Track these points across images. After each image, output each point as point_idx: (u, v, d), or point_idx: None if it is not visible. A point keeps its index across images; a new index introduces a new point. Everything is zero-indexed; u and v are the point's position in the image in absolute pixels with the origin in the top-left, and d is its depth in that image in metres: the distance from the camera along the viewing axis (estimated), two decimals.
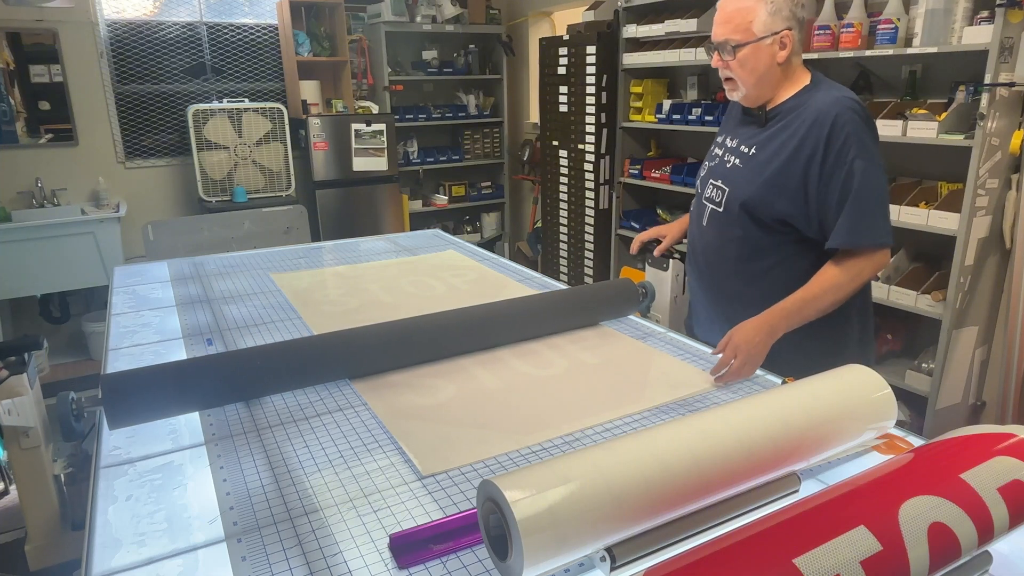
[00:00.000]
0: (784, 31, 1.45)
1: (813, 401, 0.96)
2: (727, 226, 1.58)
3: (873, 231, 1.42)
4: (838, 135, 1.40)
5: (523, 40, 5.34)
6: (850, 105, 1.42)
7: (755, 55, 1.47)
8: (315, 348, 1.39)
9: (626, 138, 3.98)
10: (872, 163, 1.41)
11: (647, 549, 0.78)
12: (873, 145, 1.43)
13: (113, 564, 0.87)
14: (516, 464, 1.09)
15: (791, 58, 1.48)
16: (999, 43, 2.13)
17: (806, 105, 1.47)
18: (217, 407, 1.26)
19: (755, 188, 1.51)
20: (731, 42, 1.48)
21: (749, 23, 1.45)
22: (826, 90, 1.47)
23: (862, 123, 1.41)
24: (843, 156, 1.40)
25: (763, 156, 1.51)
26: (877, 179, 1.41)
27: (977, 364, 2.54)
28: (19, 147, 4.02)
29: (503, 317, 1.58)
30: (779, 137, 1.49)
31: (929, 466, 0.78)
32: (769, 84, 1.51)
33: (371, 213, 4.72)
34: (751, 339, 1.36)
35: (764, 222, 1.51)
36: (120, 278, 2.19)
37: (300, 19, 4.58)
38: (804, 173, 1.44)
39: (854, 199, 1.40)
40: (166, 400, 1.19)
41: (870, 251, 1.43)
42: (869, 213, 1.40)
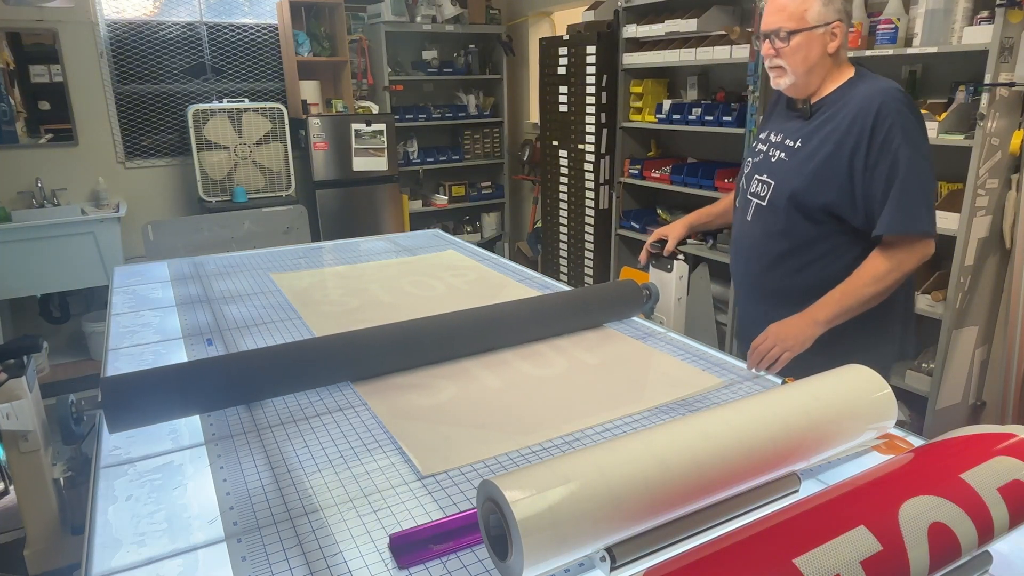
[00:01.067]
0: (835, 22, 1.49)
1: (813, 401, 0.96)
2: (773, 220, 1.60)
3: (917, 219, 1.42)
4: (883, 124, 1.42)
5: (523, 40, 5.34)
6: (894, 95, 1.44)
7: (808, 44, 1.50)
8: (318, 351, 1.38)
9: (626, 138, 3.98)
10: (917, 152, 1.42)
11: (647, 549, 0.78)
12: (918, 134, 1.44)
13: (113, 564, 0.87)
14: (516, 464, 1.09)
15: (839, 50, 1.52)
16: (999, 43, 2.13)
17: (850, 96, 1.50)
18: (218, 410, 1.25)
19: (802, 180, 1.53)
20: (785, 29, 1.50)
21: (804, 11, 1.49)
22: (871, 81, 1.50)
23: (907, 111, 1.43)
24: (888, 144, 1.42)
25: (809, 148, 1.53)
26: (922, 168, 1.42)
27: (977, 364, 2.54)
28: (19, 147, 4.02)
29: (506, 319, 1.58)
30: (824, 129, 1.51)
31: (929, 466, 0.78)
32: (818, 74, 1.53)
33: (371, 213, 4.72)
34: (788, 327, 1.41)
35: (811, 214, 1.53)
36: (120, 278, 2.19)
37: (300, 19, 4.58)
38: (850, 163, 1.46)
39: (899, 186, 1.41)
40: (167, 403, 1.18)
41: (912, 240, 1.43)
42: (913, 201, 1.41)
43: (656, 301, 1.77)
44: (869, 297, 1.44)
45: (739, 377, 1.41)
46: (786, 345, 1.38)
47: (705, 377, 1.40)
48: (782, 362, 1.38)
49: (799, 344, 1.40)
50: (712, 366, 1.45)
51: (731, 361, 1.49)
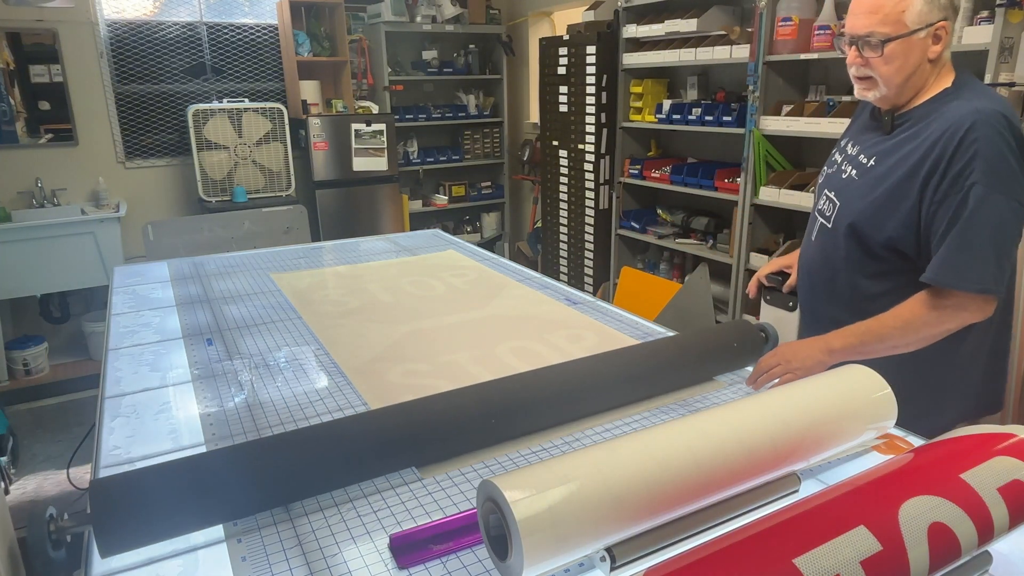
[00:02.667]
0: (940, 22, 1.23)
1: (813, 401, 0.96)
2: (833, 246, 1.40)
3: (971, 272, 1.18)
4: (964, 152, 1.18)
5: (523, 40, 5.34)
6: (991, 119, 1.19)
7: (906, 50, 1.24)
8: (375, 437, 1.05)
9: (626, 138, 3.98)
10: (997, 192, 1.17)
11: (647, 549, 0.78)
12: (1007, 173, 1.18)
13: (113, 564, 0.87)
14: (516, 464, 1.09)
15: (941, 54, 1.27)
16: (999, 43, 2.13)
17: (939, 113, 1.25)
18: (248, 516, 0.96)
19: (865, 205, 1.32)
20: (878, 35, 1.24)
21: (901, 13, 1.22)
22: (968, 96, 1.24)
23: (1000, 141, 1.18)
24: (962, 177, 1.18)
25: (881, 169, 1.32)
26: (998, 212, 1.17)
27: None
28: (19, 147, 4.02)
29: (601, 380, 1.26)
30: (903, 148, 1.29)
31: (929, 466, 0.78)
32: (914, 84, 1.29)
33: (371, 213, 4.72)
34: (798, 350, 1.27)
35: (872, 248, 1.32)
36: (120, 278, 2.19)
37: (300, 19, 4.58)
38: (920, 193, 1.24)
39: (960, 230, 1.19)
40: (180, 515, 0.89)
41: (964, 297, 1.20)
42: (973, 250, 1.18)
43: (775, 345, 1.45)
44: (894, 344, 1.24)
45: (739, 377, 1.41)
46: (791, 367, 1.25)
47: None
48: (783, 381, 1.24)
49: (805, 369, 1.24)
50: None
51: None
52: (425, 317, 1.77)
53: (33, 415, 3.56)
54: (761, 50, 2.92)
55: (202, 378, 1.41)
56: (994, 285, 1.19)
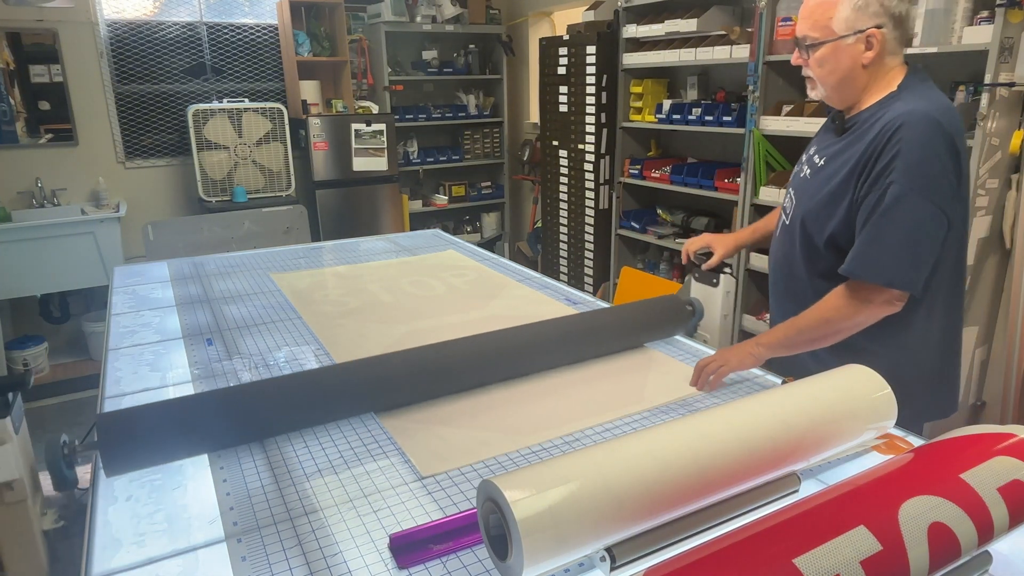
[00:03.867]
0: (871, 29, 1.27)
1: (813, 401, 0.96)
2: (790, 242, 1.46)
3: (878, 265, 1.22)
4: (888, 152, 1.22)
5: (523, 40, 5.34)
6: (919, 120, 1.21)
7: (835, 55, 1.30)
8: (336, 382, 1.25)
9: (626, 138, 3.97)
10: (914, 192, 1.19)
11: (647, 549, 0.78)
12: (928, 175, 1.20)
13: (113, 564, 0.87)
14: (516, 464, 1.09)
15: (883, 60, 1.30)
16: (999, 43, 2.13)
17: (882, 114, 1.28)
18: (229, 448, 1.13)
19: (813, 204, 1.37)
20: (809, 39, 1.33)
21: (829, 19, 1.29)
22: (907, 99, 1.27)
23: (925, 145, 1.20)
24: (884, 176, 1.22)
25: (829, 170, 1.36)
26: (913, 211, 1.20)
27: (977, 364, 2.54)
28: (19, 147, 4.02)
29: (541, 342, 1.44)
30: (848, 150, 1.32)
31: (929, 466, 0.78)
32: (852, 88, 1.34)
33: (371, 213, 4.72)
34: (732, 349, 1.36)
35: (816, 244, 1.38)
36: (120, 278, 2.19)
37: (300, 19, 4.58)
38: (854, 191, 1.28)
39: (873, 225, 1.23)
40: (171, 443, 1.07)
41: (873, 290, 1.24)
42: (884, 245, 1.22)
43: (700, 318, 1.63)
44: (812, 336, 1.30)
45: (739, 377, 1.41)
46: (726, 362, 1.33)
47: None
48: (718, 375, 1.33)
49: (738, 362, 1.33)
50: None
51: None
52: (425, 317, 1.77)
53: (33, 415, 3.56)
54: (761, 50, 2.92)
55: (202, 378, 1.41)
56: (901, 280, 1.22)
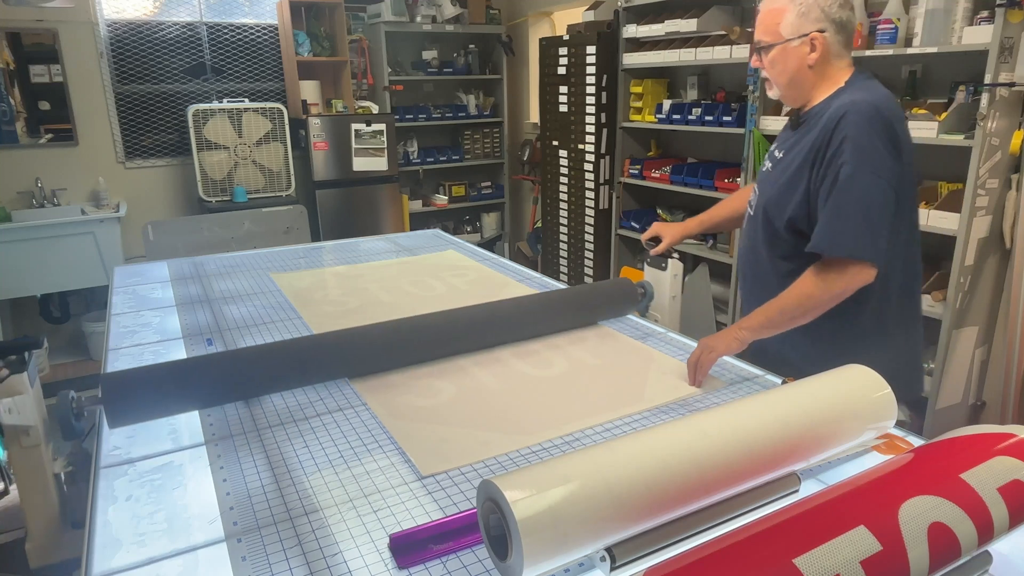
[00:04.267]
0: (814, 33, 1.41)
1: (813, 401, 0.96)
2: (754, 229, 1.58)
3: (844, 239, 1.32)
4: (836, 139, 1.35)
5: (523, 40, 5.34)
6: (861, 108, 1.34)
7: (783, 57, 1.45)
8: (316, 348, 1.40)
9: (626, 138, 3.98)
10: (864, 169, 1.31)
11: (647, 549, 0.78)
12: (873, 154, 1.32)
13: (113, 564, 0.87)
14: (516, 464, 1.09)
15: (830, 60, 1.44)
16: (999, 43, 2.13)
17: (829, 108, 1.41)
18: (217, 406, 1.28)
19: (774, 192, 1.49)
20: (763, 43, 1.48)
21: (777, 24, 1.44)
22: (851, 92, 1.41)
23: (867, 128, 1.32)
24: (835, 160, 1.34)
25: (786, 160, 1.49)
26: (865, 187, 1.31)
27: (977, 364, 2.54)
28: (19, 147, 4.02)
29: (503, 317, 1.60)
30: (802, 141, 1.45)
31: (929, 466, 0.78)
32: (801, 86, 1.48)
33: (371, 213, 4.71)
34: (715, 337, 1.41)
35: (779, 230, 1.48)
36: (120, 278, 2.19)
37: (300, 19, 4.58)
38: (809, 177, 1.40)
39: (832, 202, 1.34)
40: (166, 399, 1.21)
41: (845, 263, 1.33)
42: (845, 220, 1.32)
43: (651, 299, 1.81)
44: (795, 314, 1.37)
45: (739, 377, 1.41)
46: (711, 348, 1.36)
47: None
48: (708, 363, 1.36)
49: (724, 347, 1.37)
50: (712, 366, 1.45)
51: (731, 361, 1.49)
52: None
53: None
54: None
55: None
56: (865, 250, 1.32)
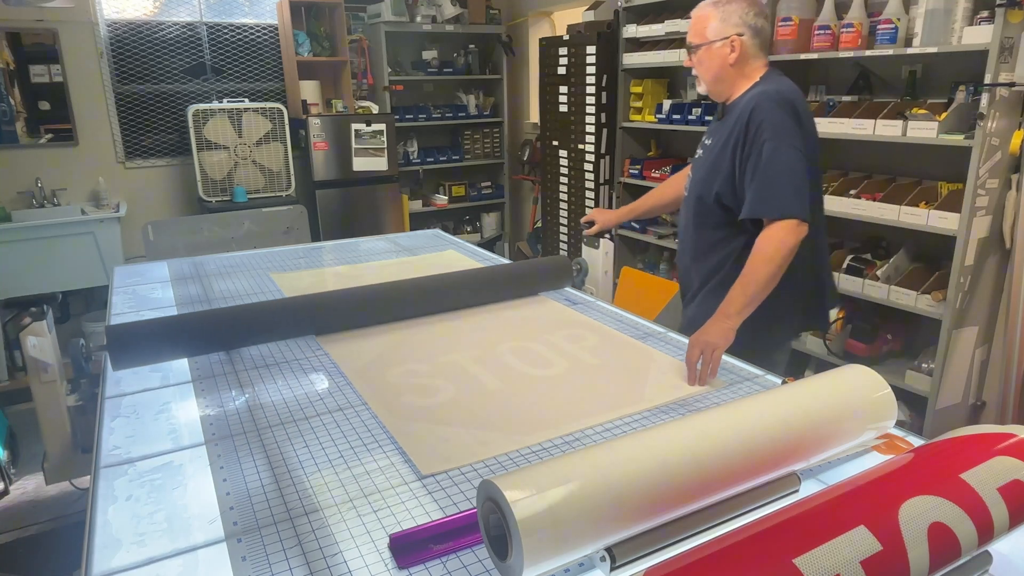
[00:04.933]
0: (733, 36, 1.66)
1: (813, 401, 0.96)
2: (689, 208, 1.82)
3: (777, 201, 1.55)
4: (754, 122, 1.59)
5: (523, 40, 5.34)
6: (770, 95, 1.60)
7: (708, 56, 1.70)
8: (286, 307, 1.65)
9: (626, 138, 3.97)
10: (781, 144, 1.55)
11: (647, 549, 0.78)
12: (786, 129, 1.56)
13: (113, 564, 0.87)
14: (516, 464, 1.09)
15: (747, 60, 1.68)
16: (999, 43, 2.13)
17: (744, 99, 1.67)
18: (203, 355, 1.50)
19: (704, 172, 1.74)
20: (693, 44, 1.73)
21: (704, 28, 1.69)
22: (762, 85, 1.66)
23: (777, 110, 1.58)
24: (756, 139, 1.58)
25: (712, 144, 1.74)
26: (785, 157, 1.55)
27: (977, 364, 2.54)
28: (19, 147, 4.02)
29: (451, 286, 1.82)
30: (725, 128, 1.69)
31: (929, 466, 0.78)
32: (724, 82, 1.72)
33: (371, 213, 4.71)
34: (707, 333, 1.44)
35: (706, 202, 1.73)
36: (120, 278, 2.19)
37: (300, 19, 4.58)
38: (732, 158, 1.64)
39: (760, 174, 1.57)
40: (160, 347, 1.44)
41: (783, 221, 1.53)
42: (773, 186, 1.55)
43: (586, 274, 2.07)
44: (766, 278, 1.51)
45: (739, 377, 1.41)
46: (710, 344, 1.40)
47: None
48: (716, 361, 1.40)
49: (723, 340, 1.43)
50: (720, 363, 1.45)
51: (731, 361, 1.49)
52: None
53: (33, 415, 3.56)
54: None
55: (202, 378, 1.41)
56: (792, 209, 1.54)
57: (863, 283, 2.63)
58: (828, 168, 3.04)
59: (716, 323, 1.48)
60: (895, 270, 2.63)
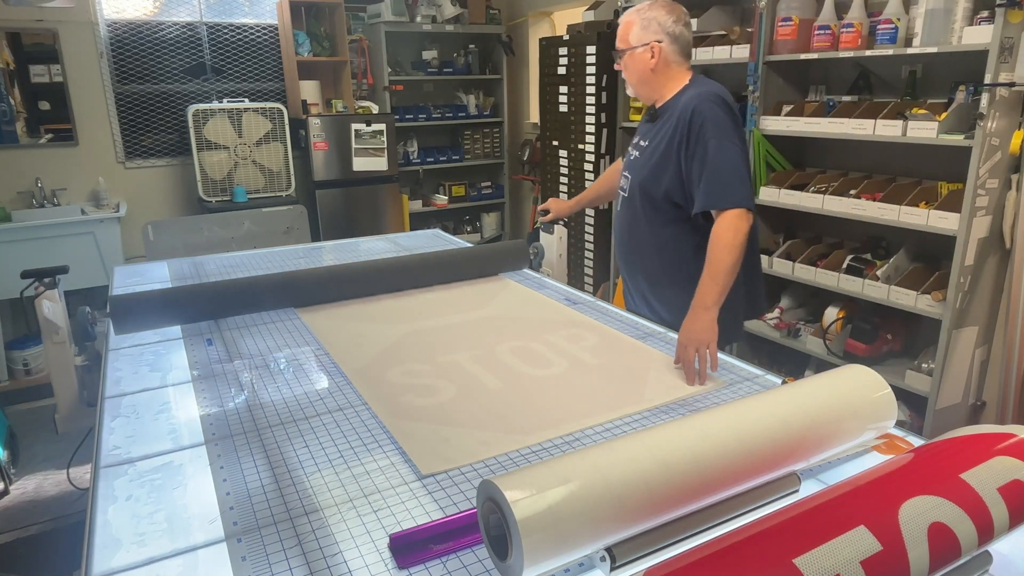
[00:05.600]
0: (653, 42, 1.75)
1: (813, 401, 0.96)
2: (631, 207, 1.88)
3: (727, 194, 1.63)
4: (696, 121, 1.67)
5: (523, 40, 5.34)
6: (708, 97, 1.69)
7: (632, 60, 1.80)
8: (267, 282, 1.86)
9: (626, 138, 3.97)
10: (725, 140, 1.65)
11: (647, 549, 0.78)
12: (726, 127, 1.67)
13: (113, 564, 0.87)
14: (516, 464, 1.09)
15: (670, 64, 1.78)
16: (999, 43, 2.13)
17: (679, 101, 1.75)
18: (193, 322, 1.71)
19: (647, 173, 1.80)
20: (618, 50, 1.83)
21: (627, 34, 1.79)
22: (696, 87, 1.76)
23: (717, 109, 1.67)
24: (701, 137, 1.66)
25: (652, 146, 1.81)
26: (729, 153, 1.65)
27: (977, 364, 2.54)
28: (19, 147, 4.01)
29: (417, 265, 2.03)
30: (663, 130, 1.77)
31: (929, 466, 0.78)
32: (649, 85, 1.82)
33: (371, 213, 4.71)
34: (693, 331, 1.46)
35: (656, 202, 1.80)
36: (120, 278, 2.19)
37: (300, 19, 4.58)
38: (677, 156, 1.72)
39: (709, 170, 1.65)
40: (156, 315, 1.66)
41: (735, 211, 1.62)
42: (722, 180, 1.64)
43: (543, 257, 2.27)
44: (731, 266, 1.59)
45: (739, 377, 1.41)
46: (703, 341, 1.43)
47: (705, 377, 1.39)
48: (713, 355, 1.43)
49: (709, 333, 1.46)
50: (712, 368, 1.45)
51: (731, 361, 1.49)
52: (425, 317, 1.77)
53: (33, 415, 3.56)
54: (761, 50, 2.92)
55: (202, 378, 1.41)
56: (741, 199, 1.63)
57: (863, 283, 2.63)
58: (828, 168, 3.04)
59: (698, 318, 1.50)
60: (895, 270, 2.63)
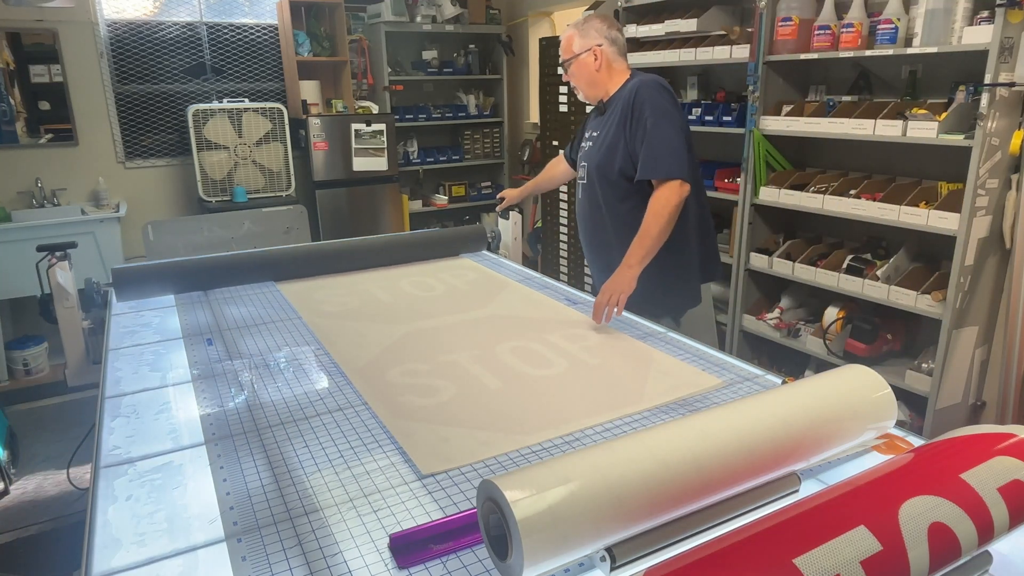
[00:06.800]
0: (594, 47, 1.98)
1: (813, 401, 0.96)
2: (590, 191, 2.09)
3: (662, 165, 1.86)
4: (638, 104, 1.90)
5: (523, 40, 5.34)
6: (647, 83, 1.94)
7: (578, 66, 2.03)
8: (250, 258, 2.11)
9: None
10: (662, 119, 1.87)
11: (647, 549, 0.78)
12: (664, 108, 1.89)
13: (113, 564, 0.87)
14: (516, 464, 1.09)
15: (611, 64, 2.02)
16: (999, 43, 2.13)
17: (623, 91, 1.99)
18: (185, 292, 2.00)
19: (600, 156, 2.02)
20: (564, 59, 2.05)
21: (570, 45, 2.02)
22: (636, 77, 2.00)
23: (655, 92, 1.91)
24: (641, 116, 1.89)
25: (602, 134, 2.03)
26: (666, 129, 1.87)
27: (977, 364, 2.54)
28: (19, 147, 4.01)
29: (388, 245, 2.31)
30: (611, 118, 2.00)
31: (929, 466, 0.78)
32: (596, 85, 2.04)
33: (371, 213, 4.71)
34: (613, 282, 1.75)
35: (613, 181, 2.00)
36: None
37: (300, 19, 4.58)
38: (625, 134, 1.94)
39: (647, 144, 1.87)
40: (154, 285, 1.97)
41: (668, 182, 1.84)
42: (658, 153, 1.86)
43: (499, 240, 2.54)
44: (658, 232, 1.81)
45: (739, 377, 1.41)
46: (618, 291, 1.71)
47: (705, 377, 1.40)
48: (622, 304, 1.71)
49: (627, 286, 1.74)
50: (712, 366, 1.45)
51: (731, 361, 1.49)
52: (425, 317, 1.77)
53: (33, 415, 3.56)
54: (761, 50, 2.92)
55: (202, 378, 1.41)
56: (673, 171, 1.85)
57: (863, 283, 2.63)
58: (828, 168, 3.04)
59: (621, 273, 1.77)
60: (895, 270, 2.63)
